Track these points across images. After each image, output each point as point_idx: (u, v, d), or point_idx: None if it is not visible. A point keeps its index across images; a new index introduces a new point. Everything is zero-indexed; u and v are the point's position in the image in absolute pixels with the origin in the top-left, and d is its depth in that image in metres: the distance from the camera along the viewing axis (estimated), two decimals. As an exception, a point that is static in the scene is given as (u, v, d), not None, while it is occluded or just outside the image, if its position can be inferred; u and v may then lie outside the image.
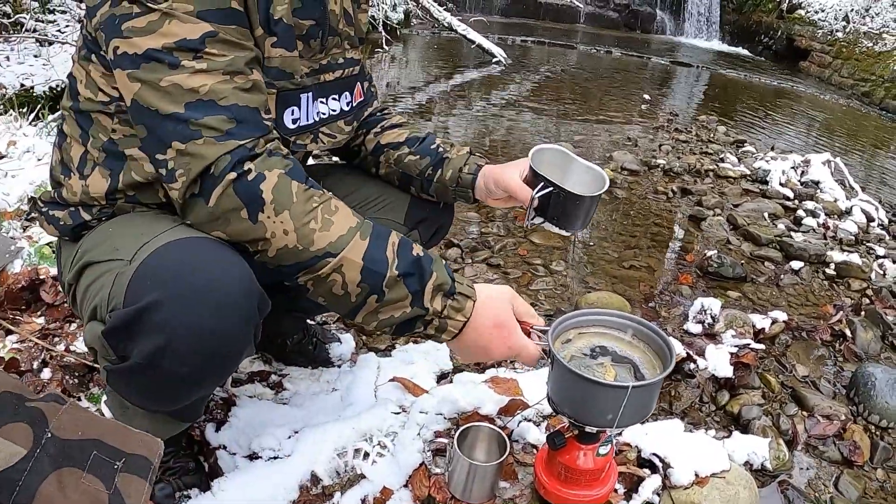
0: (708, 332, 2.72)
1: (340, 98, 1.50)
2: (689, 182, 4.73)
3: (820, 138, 7.40)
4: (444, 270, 1.23)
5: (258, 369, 2.17)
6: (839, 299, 3.36)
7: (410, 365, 2.22)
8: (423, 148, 1.70)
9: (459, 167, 1.66)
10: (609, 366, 1.37)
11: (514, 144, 5.39)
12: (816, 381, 2.68)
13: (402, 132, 1.73)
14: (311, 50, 1.36)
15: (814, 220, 4.25)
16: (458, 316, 1.25)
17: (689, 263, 3.44)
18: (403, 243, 1.22)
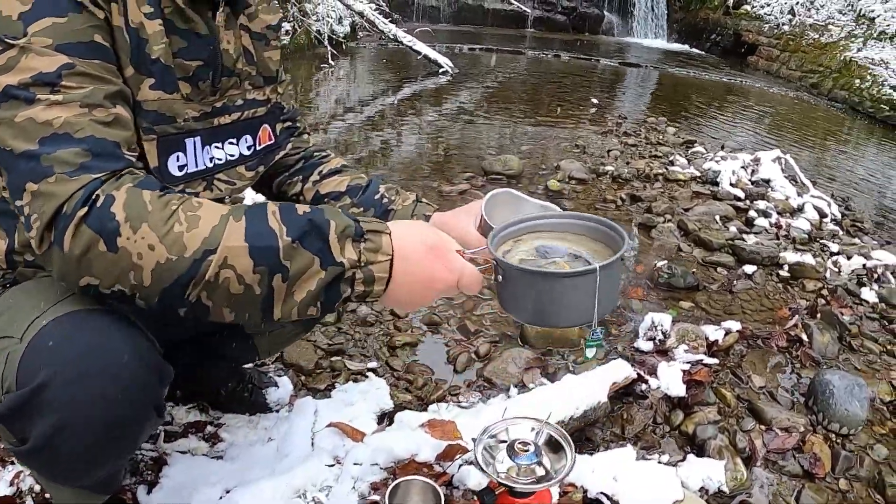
0: (659, 349, 2.66)
1: (239, 142, 1.41)
2: (639, 188, 4.68)
3: (770, 134, 7.45)
4: (342, 215, 1.09)
5: (193, 420, 2.08)
6: (794, 302, 3.32)
7: (350, 406, 2.13)
8: (367, 199, 1.62)
9: (406, 217, 1.56)
10: (562, 262, 1.25)
11: (468, 150, 5.32)
12: (774, 392, 2.62)
13: (343, 179, 1.65)
14: (201, 92, 1.28)
15: (766, 220, 4.24)
16: (379, 256, 1.10)
17: (639, 274, 3.37)
18: (285, 208, 1.08)
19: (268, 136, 1.50)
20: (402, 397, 2.27)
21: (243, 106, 1.41)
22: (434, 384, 2.41)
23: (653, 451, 2.26)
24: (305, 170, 1.67)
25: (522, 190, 4.25)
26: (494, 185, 4.35)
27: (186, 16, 1.22)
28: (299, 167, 1.68)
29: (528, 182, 4.55)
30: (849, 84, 9.88)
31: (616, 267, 1.18)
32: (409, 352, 2.57)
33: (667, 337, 2.68)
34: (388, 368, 2.47)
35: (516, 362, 2.52)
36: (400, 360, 2.50)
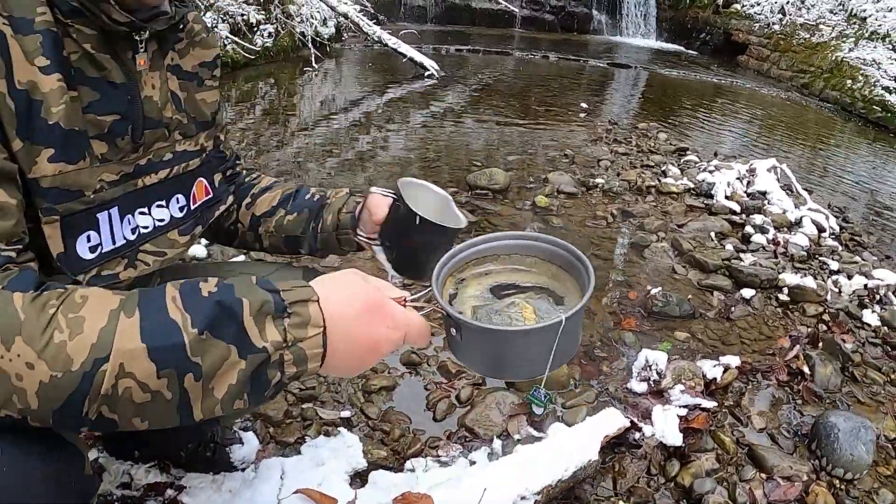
0: (654, 391, 2.50)
1: (170, 203, 1.26)
2: (630, 202, 4.53)
3: (762, 138, 7.32)
4: (255, 289, 0.91)
5: (153, 481, 1.92)
6: (795, 329, 3.17)
7: (320, 466, 1.96)
8: (299, 203, 1.54)
9: (339, 208, 1.50)
10: (522, 303, 1.13)
11: (453, 161, 5.15)
12: (775, 434, 2.48)
13: (274, 195, 1.56)
14: (121, 150, 1.11)
15: (763, 236, 4.09)
16: (308, 331, 0.91)
17: (633, 302, 3.21)
18: (188, 291, 0.90)
19: (204, 191, 1.36)
20: (377, 453, 2.09)
21: (173, 160, 1.25)
22: (412, 434, 2.23)
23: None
24: (239, 196, 1.58)
25: (508, 206, 4.13)
26: (481, 200, 4.20)
27: (98, 62, 1.06)
28: (235, 194, 1.57)
29: (514, 197, 4.38)
30: (840, 84, 9.77)
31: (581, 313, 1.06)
32: (386, 397, 2.40)
33: (662, 377, 2.52)
34: (362, 416, 2.29)
35: (500, 408, 2.35)
36: (376, 407, 2.33)
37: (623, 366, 2.69)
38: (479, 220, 3.99)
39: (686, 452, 2.28)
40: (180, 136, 1.26)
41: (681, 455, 2.28)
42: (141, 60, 1.12)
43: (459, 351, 1.06)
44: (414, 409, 2.36)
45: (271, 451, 2.07)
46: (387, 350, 0.99)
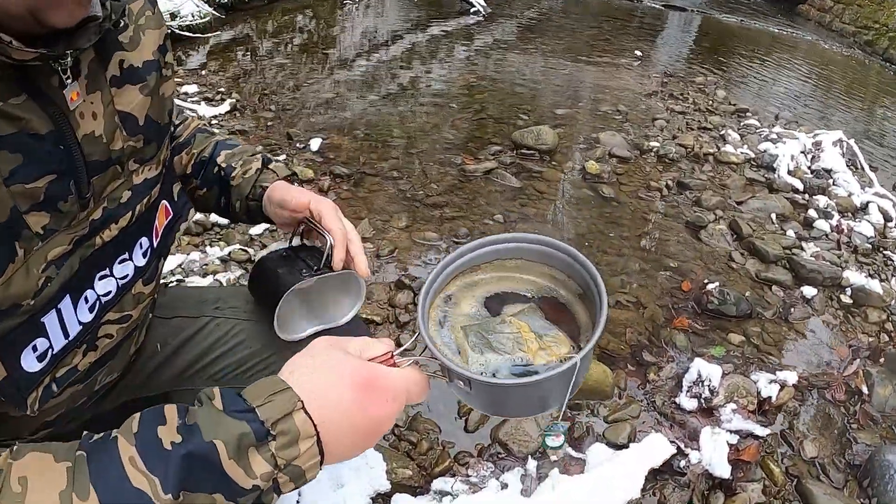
0: (704, 408, 2.34)
1: (133, 252, 1.02)
2: (687, 171, 4.28)
3: (822, 99, 6.92)
4: (226, 422, 0.73)
5: None
6: (856, 337, 2.97)
7: (340, 489, 1.86)
8: (207, 176, 1.35)
9: (245, 195, 1.32)
10: (515, 321, 0.98)
11: (502, 96, 4.89)
12: (826, 465, 2.33)
13: (189, 158, 1.38)
14: (66, 215, 0.87)
15: (826, 222, 3.85)
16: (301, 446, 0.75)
17: (686, 294, 3.02)
18: (146, 446, 0.71)
19: (164, 215, 1.11)
20: (402, 472, 1.97)
21: (133, 199, 1.00)
22: (441, 447, 2.11)
23: (688, 548, 1.98)
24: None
25: (556, 169, 3.91)
26: (527, 161, 3.97)
27: (9, 115, 0.78)
28: None
29: (563, 159, 4.15)
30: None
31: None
32: (413, 401, 2.26)
33: (714, 394, 2.35)
34: (389, 423, 2.17)
35: (537, 420, 2.21)
36: (403, 413, 2.20)
37: (672, 373, 2.53)
38: (523, 185, 3.78)
39: (733, 485, 2.14)
40: (137, 165, 1.00)
41: (726, 487, 2.14)
42: (73, 94, 0.85)
43: (463, 395, 0.92)
44: (444, 416, 2.23)
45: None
46: (390, 426, 0.84)
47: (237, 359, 1.31)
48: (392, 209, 3.39)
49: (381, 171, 3.74)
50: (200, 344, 1.32)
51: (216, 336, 1.32)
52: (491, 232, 3.28)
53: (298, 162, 3.73)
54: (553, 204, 3.67)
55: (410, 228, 3.25)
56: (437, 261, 3.02)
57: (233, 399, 0.75)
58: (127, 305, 1.03)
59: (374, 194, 3.52)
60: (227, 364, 1.31)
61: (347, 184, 3.58)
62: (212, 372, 1.31)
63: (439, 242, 3.17)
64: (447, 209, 3.45)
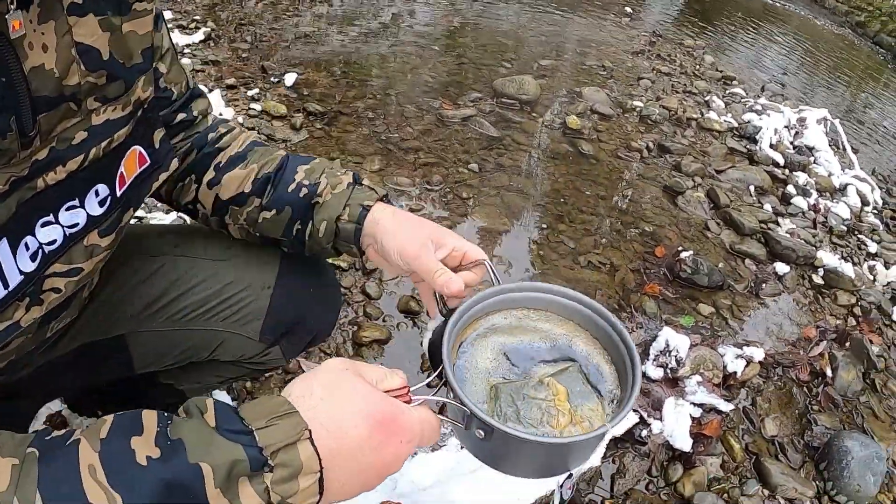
0: (669, 379, 2.32)
1: (86, 199, 0.92)
2: (669, 134, 4.24)
3: (809, 76, 6.90)
4: (218, 442, 0.64)
5: None
6: (824, 319, 2.98)
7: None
8: (279, 197, 1.15)
9: (336, 214, 1.12)
10: (553, 383, 0.95)
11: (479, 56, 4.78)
12: (784, 444, 2.34)
13: (248, 173, 1.18)
14: (6, 153, 0.78)
15: (804, 199, 3.84)
16: (301, 482, 0.67)
17: (659, 260, 2.99)
18: (113, 455, 0.61)
19: (137, 162, 1.00)
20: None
21: (89, 141, 0.89)
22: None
23: (642, 517, 1.97)
24: (198, 165, 1.20)
25: (536, 121, 3.83)
26: (507, 110, 3.88)
27: None
28: (190, 161, 1.20)
29: (544, 111, 4.06)
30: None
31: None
32: (377, 351, 2.21)
33: (680, 365, 2.34)
34: (349, 372, 2.11)
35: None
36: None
37: (639, 340, 2.51)
38: (501, 134, 3.69)
39: (692, 458, 2.13)
40: (98, 104, 0.89)
41: (686, 459, 2.13)
42: (14, 23, 0.75)
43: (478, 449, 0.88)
44: (408, 368, 2.17)
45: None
46: (398, 468, 0.76)
47: (197, 299, 1.23)
48: (366, 151, 3.29)
49: (356, 111, 3.62)
50: (158, 284, 1.23)
51: (175, 276, 1.23)
52: (465, 180, 3.21)
53: (272, 97, 3.59)
54: (530, 156, 3.60)
55: (383, 172, 3.15)
56: (407, 207, 2.94)
57: (228, 416, 0.66)
58: (77, 257, 0.94)
59: (347, 134, 3.40)
60: (186, 304, 1.23)
61: (321, 122, 3.46)
62: (171, 313, 1.24)
63: (412, 189, 3.09)
64: (422, 154, 3.36)
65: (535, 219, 3.11)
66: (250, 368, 1.36)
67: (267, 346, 1.28)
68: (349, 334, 2.23)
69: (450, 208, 3.00)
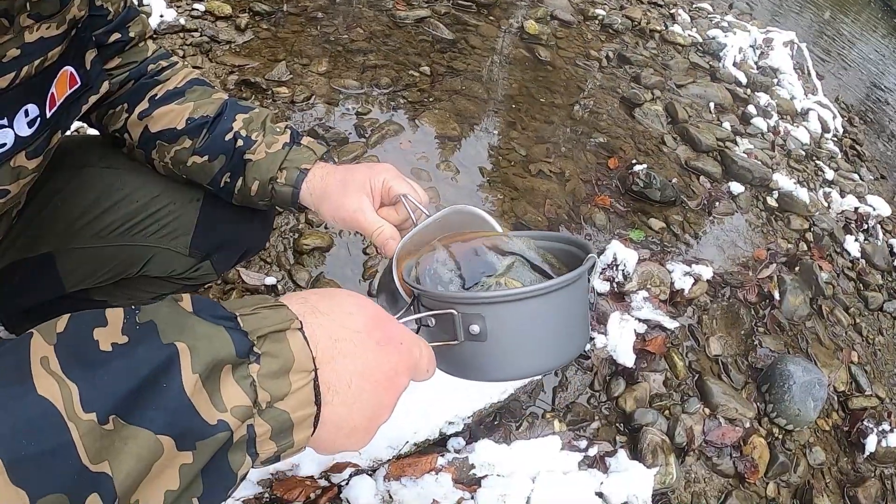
0: (616, 293, 2.31)
1: (15, 119, 0.88)
2: (630, 45, 4.16)
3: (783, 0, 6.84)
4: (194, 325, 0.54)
5: None
6: (775, 241, 3.00)
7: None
8: (213, 142, 1.11)
9: (270, 175, 1.09)
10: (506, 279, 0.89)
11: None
12: (728, 364, 2.37)
13: (182, 109, 1.12)
14: None
15: (765, 121, 3.84)
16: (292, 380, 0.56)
17: (612, 172, 2.95)
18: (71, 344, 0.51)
19: (68, 83, 0.97)
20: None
21: (21, 58, 0.86)
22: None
23: (582, 430, 1.98)
24: (132, 95, 1.14)
25: (493, 25, 3.71)
26: (463, 13, 3.74)
27: None
28: (126, 90, 1.14)
29: (501, 15, 3.93)
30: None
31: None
32: (319, 259, 2.13)
33: (627, 280, 2.32)
34: (290, 282, 2.04)
35: (441, 283, 2.13)
36: (306, 272, 2.08)
37: (586, 254, 2.48)
38: (456, 38, 3.56)
39: (635, 374, 2.14)
40: (32, 21, 0.87)
41: (628, 375, 2.14)
42: None
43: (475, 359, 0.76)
44: (349, 277, 2.12)
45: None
46: (403, 389, 0.67)
47: (123, 213, 1.17)
48: (312, 52, 3.14)
49: (305, 10, 3.44)
50: (83, 198, 1.17)
51: (100, 189, 1.17)
52: (416, 84, 3.09)
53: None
54: (484, 60, 3.48)
55: (330, 74, 3.01)
56: (355, 111, 2.82)
57: (207, 302, 0.57)
58: (3, 179, 0.91)
59: (294, 35, 3.23)
60: (112, 220, 1.17)
61: (267, 23, 3.28)
62: (97, 228, 1.18)
63: (360, 91, 2.96)
64: (371, 56, 3.22)
65: (487, 125, 3.02)
66: (182, 284, 1.31)
67: (197, 260, 1.24)
68: (290, 242, 2.15)
69: (398, 112, 2.90)
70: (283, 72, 2.90)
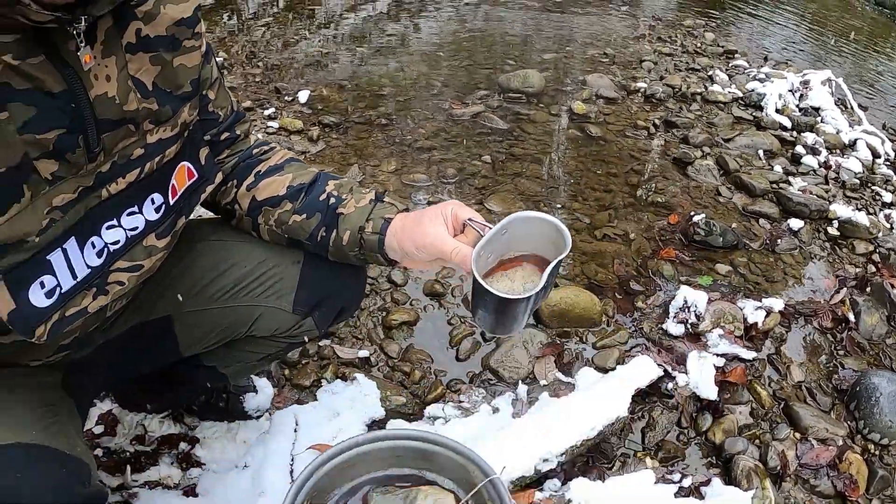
0: (691, 334, 2.36)
1: (143, 206, 1.09)
2: (674, 110, 4.27)
3: (813, 42, 6.86)
4: None
5: (167, 432, 1.86)
6: (842, 268, 3.00)
7: (336, 418, 1.89)
8: (310, 202, 1.29)
9: (359, 226, 1.25)
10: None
11: (489, 44, 4.85)
12: (813, 389, 2.37)
13: (283, 179, 1.31)
14: (74, 165, 0.94)
15: (814, 158, 3.85)
16: None
17: (673, 227, 3.03)
18: None
19: (186, 176, 1.17)
20: (396, 399, 2.00)
21: (145, 156, 1.06)
22: (433, 376, 2.13)
23: (674, 465, 2.01)
24: (240, 173, 1.34)
25: (543, 111, 3.89)
26: (514, 105, 3.95)
27: (25, 73, 0.85)
28: (235, 171, 1.35)
29: (550, 101, 4.12)
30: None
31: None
32: (407, 332, 2.28)
33: (700, 320, 2.38)
34: (382, 355, 2.18)
35: (527, 347, 2.24)
36: (396, 345, 2.22)
37: (659, 302, 2.55)
38: (511, 127, 3.75)
39: (720, 406, 2.17)
40: (152, 126, 1.06)
41: (714, 409, 2.17)
42: (86, 57, 0.91)
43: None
44: (436, 346, 2.25)
45: (286, 395, 1.98)
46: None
47: (234, 278, 1.35)
48: (381, 154, 3.38)
49: (369, 119, 3.71)
50: (199, 267, 1.36)
51: (213, 259, 1.36)
52: (480, 172, 3.27)
53: (287, 114, 3.68)
54: (540, 143, 3.65)
55: (400, 171, 3.23)
56: (426, 201, 3.02)
57: None
58: (138, 256, 1.10)
59: (362, 141, 3.49)
60: (224, 284, 1.35)
61: (336, 132, 3.55)
62: (211, 292, 1.36)
63: (429, 183, 3.16)
64: (435, 152, 3.43)
65: (550, 200, 3.16)
66: (286, 342, 1.46)
67: (300, 317, 1.39)
68: (379, 319, 2.31)
69: (466, 198, 3.07)
70: (355, 174, 3.13)
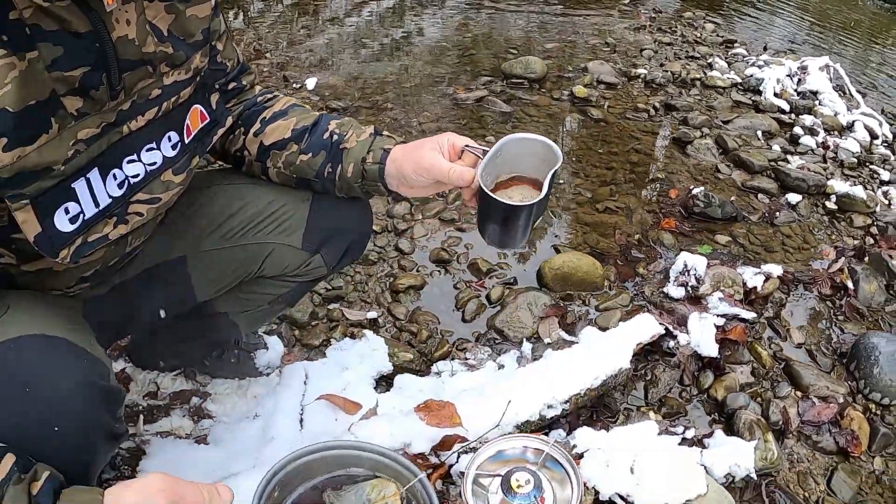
0: (691, 297, 2.39)
1: (161, 143, 1.15)
2: (674, 94, 4.29)
3: (814, 33, 6.87)
4: None
5: (179, 388, 1.90)
6: (840, 240, 3.02)
7: (345, 371, 1.91)
8: (314, 142, 1.36)
9: (361, 157, 1.33)
10: None
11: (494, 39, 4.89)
12: (813, 351, 2.38)
13: (288, 123, 1.38)
14: (98, 102, 1.01)
15: (812, 138, 3.87)
16: None
17: (673, 200, 3.06)
18: None
19: (199, 118, 1.23)
20: (403, 356, 2.02)
21: (162, 96, 1.13)
22: (440, 336, 2.16)
23: (677, 420, 2.04)
24: (247, 120, 1.41)
25: (545, 96, 3.92)
26: (516, 89, 3.99)
27: (54, 14, 0.91)
28: (242, 118, 1.42)
29: (551, 86, 4.15)
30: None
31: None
32: (414, 296, 2.31)
33: (700, 283, 2.40)
34: (389, 317, 2.21)
35: (531, 309, 2.26)
36: (403, 307, 2.25)
37: (660, 268, 2.57)
38: (514, 110, 3.79)
39: (721, 364, 2.19)
40: (168, 68, 1.12)
41: (715, 366, 2.19)
42: (109, 0, 0.96)
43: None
44: (442, 309, 2.28)
45: (296, 355, 2.01)
46: None
47: (245, 217, 1.41)
48: (388, 135, 3.41)
49: (376, 104, 3.75)
50: (212, 208, 1.42)
51: (224, 200, 1.42)
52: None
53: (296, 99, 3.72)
54: (542, 125, 3.69)
55: (405, 152, 3.27)
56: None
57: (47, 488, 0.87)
58: (156, 189, 1.16)
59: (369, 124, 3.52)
60: (236, 223, 1.41)
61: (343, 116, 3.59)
62: (223, 231, 1.41)
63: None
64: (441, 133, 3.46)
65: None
66: (296, 282, 1.50)
67: (309, 254, 1.44)
68: (386, 284, 2.34)
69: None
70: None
